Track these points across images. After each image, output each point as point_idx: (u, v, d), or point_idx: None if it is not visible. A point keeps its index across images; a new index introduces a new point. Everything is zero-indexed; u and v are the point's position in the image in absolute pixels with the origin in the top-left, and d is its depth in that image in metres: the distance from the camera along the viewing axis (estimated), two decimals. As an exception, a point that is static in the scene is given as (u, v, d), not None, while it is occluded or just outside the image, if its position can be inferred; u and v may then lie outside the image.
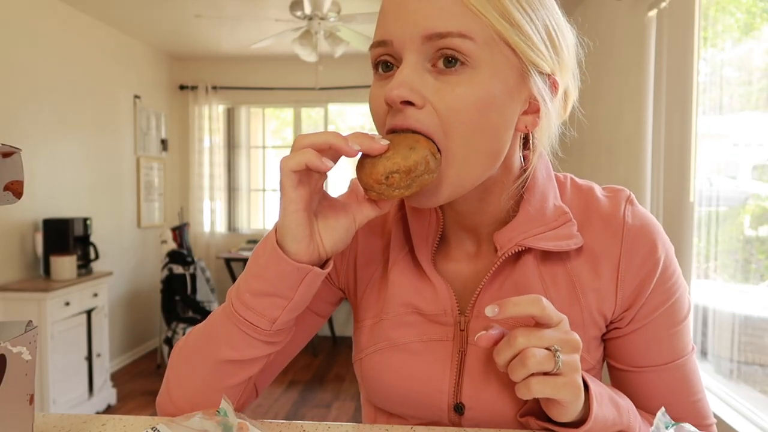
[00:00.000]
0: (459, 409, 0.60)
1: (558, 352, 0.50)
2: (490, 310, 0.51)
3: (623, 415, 0.57)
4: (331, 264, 0.56)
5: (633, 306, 0.60)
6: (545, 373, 0.50)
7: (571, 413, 0.52)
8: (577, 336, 0.52)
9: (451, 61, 0.51)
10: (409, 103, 0.51)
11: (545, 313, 0.51)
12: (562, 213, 0.60)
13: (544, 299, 0.51)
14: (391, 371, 0.62)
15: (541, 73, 0.54)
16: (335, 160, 0.52)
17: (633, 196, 0.62)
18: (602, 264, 0.59)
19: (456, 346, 0.61)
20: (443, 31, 0.50)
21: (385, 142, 0.51)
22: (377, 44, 0.54)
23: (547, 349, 0.50)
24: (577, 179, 0.66)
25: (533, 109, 0.56)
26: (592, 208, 0.61)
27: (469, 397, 0.59)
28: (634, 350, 0.61)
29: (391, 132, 0.54)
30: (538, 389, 0.50)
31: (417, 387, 0.61)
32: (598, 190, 0.64)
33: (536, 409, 0.57)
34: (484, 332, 0.53)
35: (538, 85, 0.54)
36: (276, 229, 0.55)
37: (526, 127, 0.56)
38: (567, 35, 0.57)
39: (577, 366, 0.51)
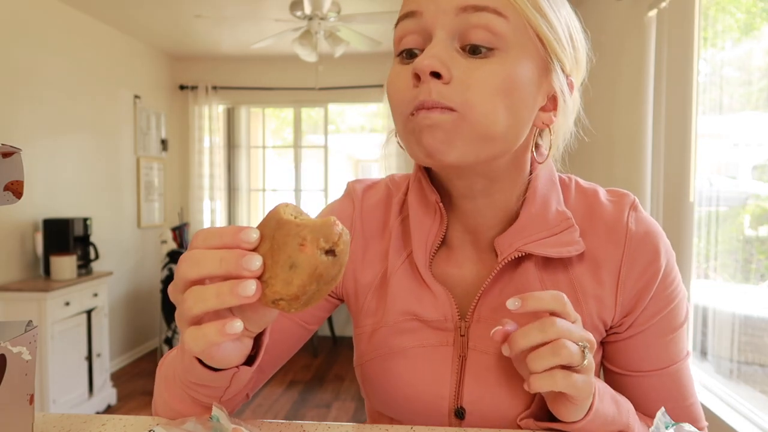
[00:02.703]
0: (460, 414, 0.60)
1: (586, 349, 0.49)
2: (511, 303, 0.50)
3: (623, 413, 0.56)
4: (263, 347, 0.51)
5: (632, 312, 0.60)
6: (565, 367, 0.49)
7: (581, 411, 0.52)
8: (591, 336, 0.52)
9: (481, 47, 0.50)
10: (437, 75, 0.50)
11: (566, 310, 0.50)
12: (565, 218, 0.59)
13: (564, 296, 0.51)
14: (391, 377, 0.62)
15: (562, 70, 0.55)
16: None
17: (637, 201, 0.62)
18: (603, 271, 0.59)
19: (456, 351, 0.60)
20: (480, 4, 0.50)
21: (257, 263, 0.40)
22: (405, 16, 0.53)
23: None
24: (582, 182, 0.65)
25: (551, 107, 0.56)
26: (595, 214, 0.61)
27: (469, 401, 0.59)
28: (631, 355, 0.61)
29: (420, 108, 0.51)
30: (563, 383, 0.49)
31: (417, 393, 0.61)
32: (603, 193, 0.63)
33: (536, 412, 0.57)
34: (499, 327, 0.51)
35: (560, 80, 0.55)
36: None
37: (543, 123, 0.56)
38: (582, 39, 0.58)
39: (593, 365, 0.51)
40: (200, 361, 0.49)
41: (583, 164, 3.42)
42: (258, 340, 0.52)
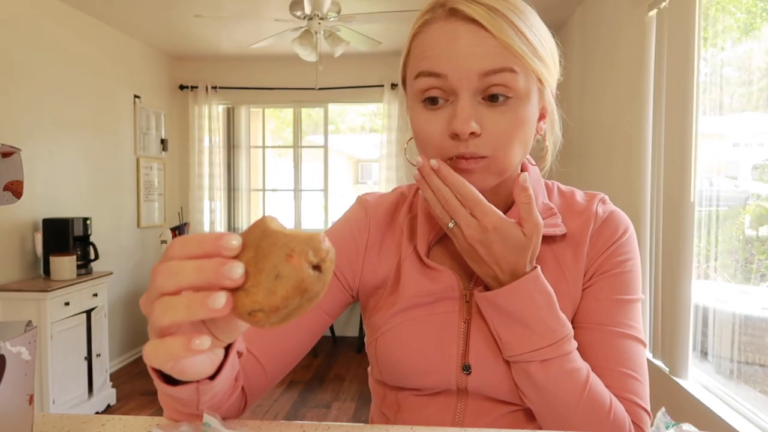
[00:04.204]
0: (467, 368, 0.68)
1: (452, 222, 0.61)
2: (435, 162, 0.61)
3: (560, 319, 0.62)
4: (233, 353, 0.51)
5: (590, 268, 0.70)
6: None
7: (487, 280, 0.64)
8: (516, 233, 0.61)
9: (499, 96, 0.61)
10: (472, 133, 0.61)
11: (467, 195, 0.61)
12: (549, 208, 0.72)
13: (473, 192, 0.61)
14: (405, 343, 0.70)
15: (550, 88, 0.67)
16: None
17: (606, 197, 0.75)
18: (580, 248, 0.70)
19: (462, 316, 0.69)
20: (497, 67, 0.60)
21: (239, 271, 0.38)
22: (428, 74, 0.62)
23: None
24: (561, 186, 0.78)
25: (542, 116, 0.68)
26: (573, 208, 0.73)
27: (474, 357, 0.68)
28: (580, 306, 0.69)
29: (460, 158, 0.61)
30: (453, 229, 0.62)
31: (429, 354, 0.69)
32: (579, 194, 0.75)
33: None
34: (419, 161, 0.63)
35: (550, 97, 0.67)
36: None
37: (536, 132, 0.67)
38: (557, 53, 0.67)
39: (484, 242, 0.61)
40: (160, 376, 0.49)
41: (582, 164, 3.43)
42: (227, 349, 0.50)
